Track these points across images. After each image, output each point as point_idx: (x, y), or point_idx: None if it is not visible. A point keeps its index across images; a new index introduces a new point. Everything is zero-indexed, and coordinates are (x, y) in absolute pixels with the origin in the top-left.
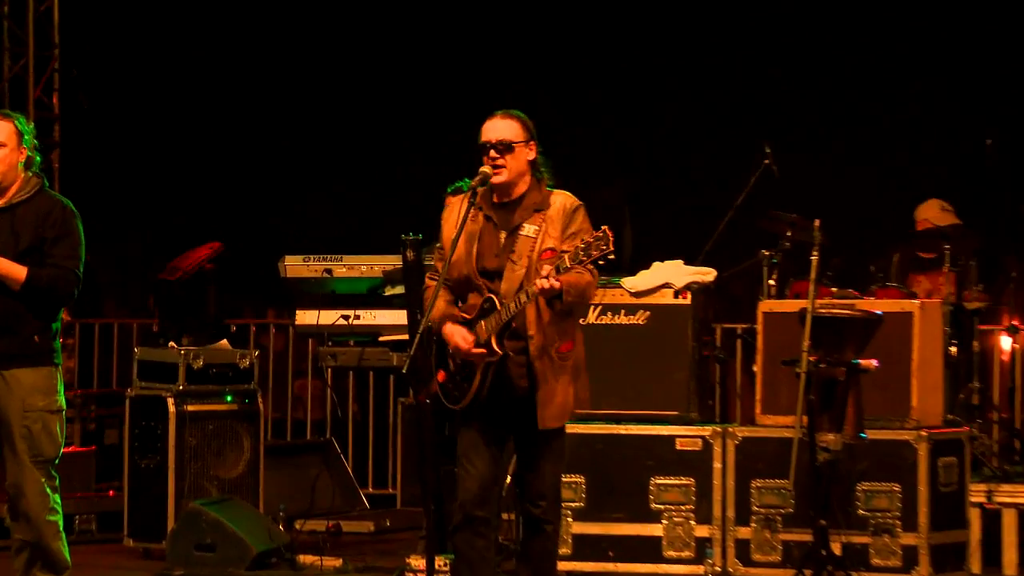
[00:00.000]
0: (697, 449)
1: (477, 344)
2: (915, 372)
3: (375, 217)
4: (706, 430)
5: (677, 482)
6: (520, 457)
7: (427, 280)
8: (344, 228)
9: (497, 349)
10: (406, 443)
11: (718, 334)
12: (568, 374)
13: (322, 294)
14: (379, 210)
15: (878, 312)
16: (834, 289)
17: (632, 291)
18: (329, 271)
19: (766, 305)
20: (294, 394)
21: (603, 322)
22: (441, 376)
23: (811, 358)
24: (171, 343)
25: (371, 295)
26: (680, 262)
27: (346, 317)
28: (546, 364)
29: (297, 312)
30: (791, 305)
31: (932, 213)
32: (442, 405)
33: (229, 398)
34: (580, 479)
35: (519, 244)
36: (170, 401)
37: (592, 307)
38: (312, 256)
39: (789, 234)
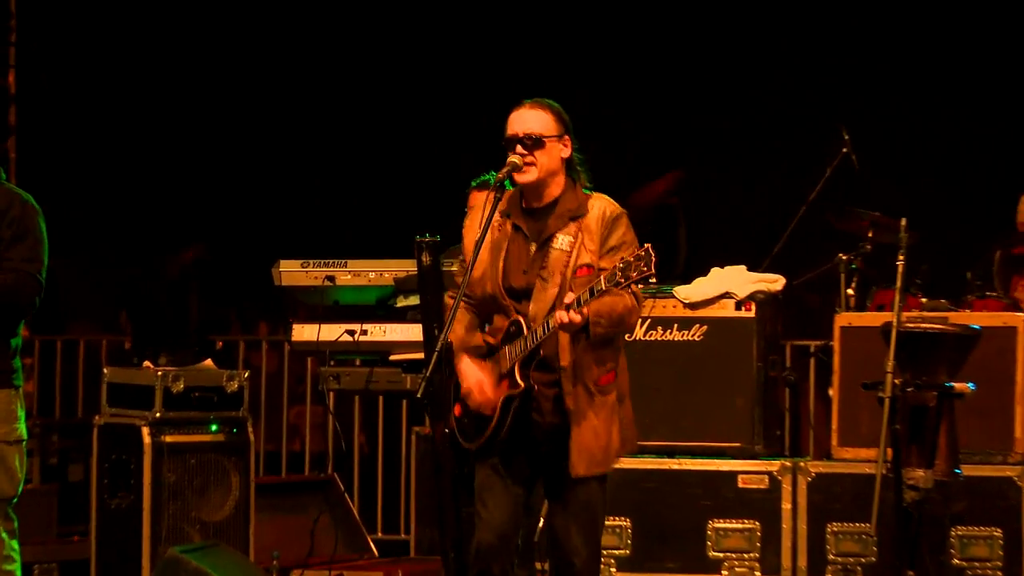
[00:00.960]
0: (763, 487)
1: (500, 376)
2: (1019, 397)
3: (385, 215)
4: (774, 465)
5: (740, 526)
6: (551, 504)
7: (447, 298)
8: (349, 227)
9: (520, 381)
10: (421, 481)
11: (787, 352)
12: (609, 410)
13: (323, 305)
14: (390, 207)
15: (976, 327)
16: (924, 299)
17: (687, 302)
18: (331, 278)
19: (844, 318)
20: (290, 423)
21: (652, 339)
22: (457, 410)
23: (897, 380)
24: (146, 362)
25: (380, 306)
26: (743, 268)
27: (351, 332)
28: (581, 399)
29: (294, 326)
30: (873, 318)
31: None
32: (457, 443)
33: (214, 427)
34: (626, 523)
35: (551, 259)
36: (145, 431)
37: (640, 320)
38: (311, 260)
39: (871, 235)
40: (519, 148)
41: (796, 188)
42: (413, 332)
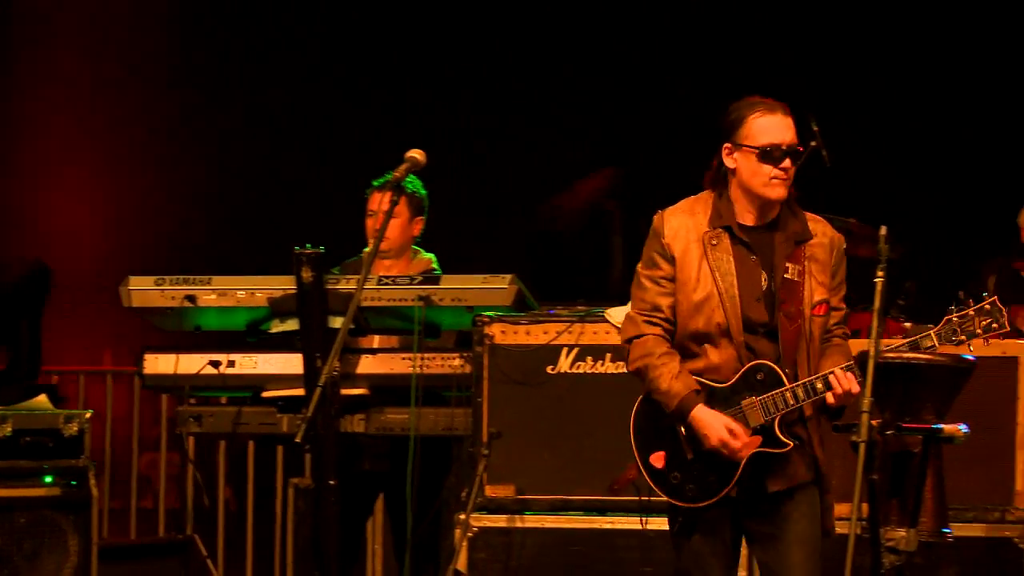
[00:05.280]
0: None
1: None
2: (1020, 442)
3: (257, 223)
4: None
5: None
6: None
7: (641, 324)
8: (214, 238)
9: (786, 439)
10: (300, 543)
11: None
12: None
13: (182, 331)
14: (263, 214)
15: (970, 357)
16: (907, 324)
17: (621, 327)
18: (192, 298)
19: None
20: (141, 474)
21: (580, 371)
22: (661, 459)
23: (874, 422)
24: None
25: (251, 332)
26: None
27: (215, 364)
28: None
29: (145, 356)
30: None
31: None
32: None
33: (49, 479)
34: None
35: (787, 290)
36: None
37: (565, 350)
38: (167, 277)
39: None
40: (786, 161)
41: None
42: (291, 363)
